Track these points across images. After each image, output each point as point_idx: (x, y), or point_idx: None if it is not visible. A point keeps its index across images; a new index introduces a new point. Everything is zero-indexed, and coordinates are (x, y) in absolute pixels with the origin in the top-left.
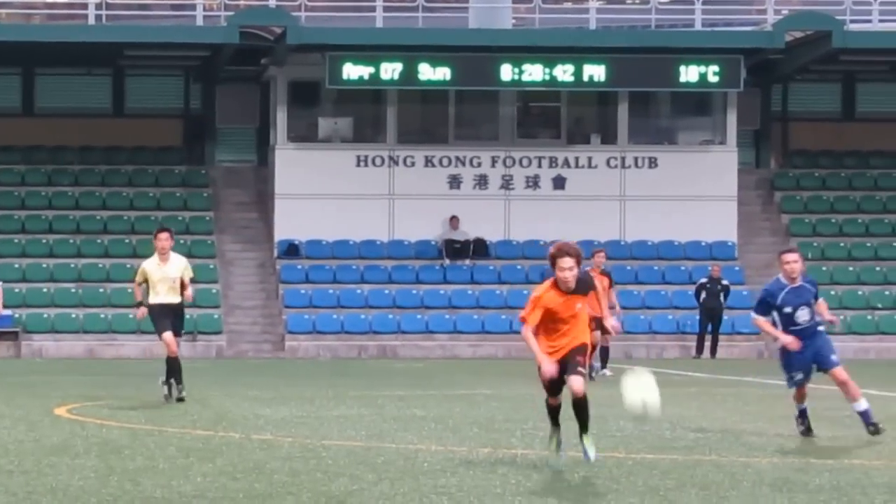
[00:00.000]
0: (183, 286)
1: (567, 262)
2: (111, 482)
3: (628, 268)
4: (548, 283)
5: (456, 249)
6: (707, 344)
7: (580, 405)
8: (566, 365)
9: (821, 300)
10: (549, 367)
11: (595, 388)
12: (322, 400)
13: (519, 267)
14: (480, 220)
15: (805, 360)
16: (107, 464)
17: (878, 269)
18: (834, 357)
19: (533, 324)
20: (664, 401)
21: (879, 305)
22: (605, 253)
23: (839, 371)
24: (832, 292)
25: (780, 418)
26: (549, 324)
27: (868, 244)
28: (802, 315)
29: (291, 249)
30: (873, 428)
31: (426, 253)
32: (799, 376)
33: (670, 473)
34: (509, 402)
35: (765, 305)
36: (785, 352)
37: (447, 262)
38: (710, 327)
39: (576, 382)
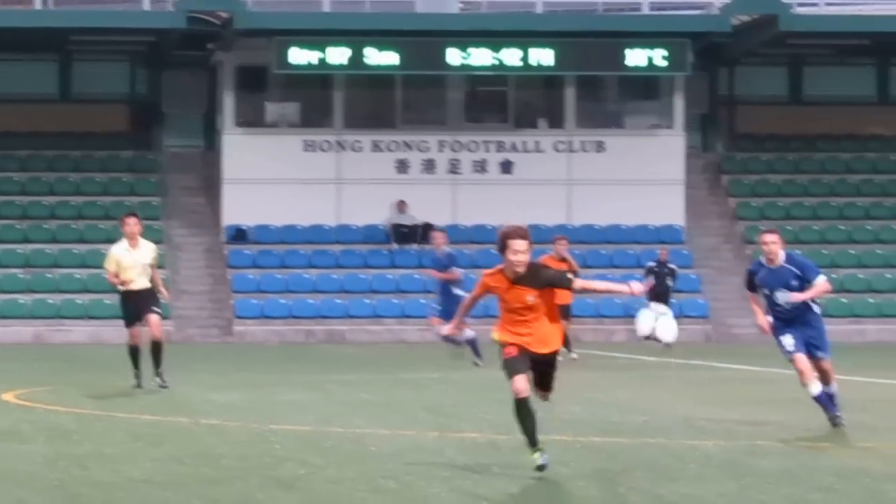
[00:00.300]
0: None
1: (520, 244)
2: (59, 467)
3: (576, 252)
4: (497, 266)
5: (404, 234)
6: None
7: (522, 408)
8: (539, 383)
9: (818, 281)
10: (445, 327)
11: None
12: (270, 385)
13: (466, 251)
14: (428, 205)
15: (793, 335)
16: (55, 449)
17: (825, 251)
18: (821, 353)
19: (475, 295)
20: (612, 384)
21: None
22: (566, 241)
23: (823, 364)
24: None
25: (727, 401)
26: (507, 313)
27: (815, 227)
28: (782, 297)
29: (239, 234)
30: (836, 419)
31: (374, 238)
32: (790, 341)
33: (618, 456)
34: (457, 385)
35: (749, 283)
36: (773, 328)
37: (395, 246)
38: None
39: (543, 397)
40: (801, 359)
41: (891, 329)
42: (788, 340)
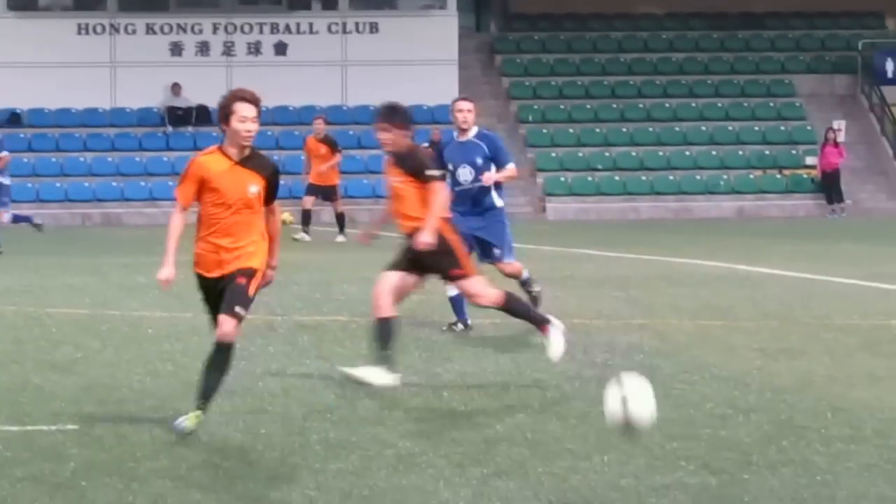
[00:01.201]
0: None
1: (248, 109)
2: None
3: (350, 133)
4: (211, 147)
5: (178, 117)
6: None
7: (218, 356)
8: (223, 295)
9: (509, 167)
10: (164, 273)
11: (321, 252)
12: (46, 268)
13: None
14: (202, 87)
15: (464, 225)
16: None
17: (597, 130)
18: (497, 251)
19: (184, 202)
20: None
21: (599, 167)
22: (324, 119)
23: (506, 266)
24: (553, 154)
25: (502, 279)
26: (210, 209)
27: (588, 106)
28: (464, 174)
29: (13, 118)
30: (529, 297)
31: (148, 120)
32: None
33: None
34: None
35: (438, 160)
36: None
37: (170, 129)
38: None
39: (224, 324)
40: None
41: (662, 206)
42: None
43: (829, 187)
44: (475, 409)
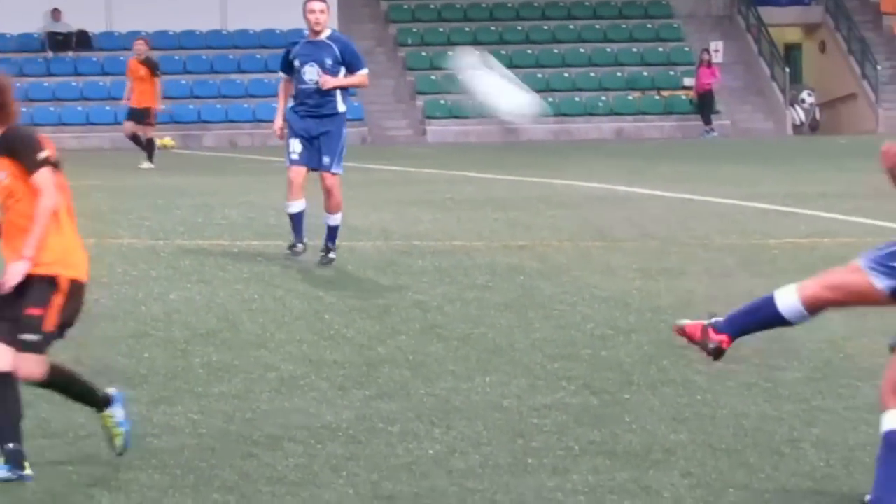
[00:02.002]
0: None
1: None
2: None
3: (231, 57)
4: None
5: (59, 42)
6: None
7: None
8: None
9: (361, 72)
10: None
11: (201, 176)
12: None
13: (122, 58)
14: (82, 12)
15: (300, 125)
16: None
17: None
18: (327, 159)
19: None
20: (269, 188)
21: None
22: (145, 42)
23: (329, 176)
24: (432, 77)
25: (383, 203)
26: None
27: (466, 29)
28: (310, 73)
29: None
30: (325, 254)
31: (29, 46)
32: (297, 148)
33: (276, 260)
34: (115, 192)
35: (284, 60)
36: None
37: (50, 54)
38: None
39: (23, 364)
40: (296, 172)
41: (542, 128)
42: (296, 147)
43: (703, 108)
44: (357, 332)
